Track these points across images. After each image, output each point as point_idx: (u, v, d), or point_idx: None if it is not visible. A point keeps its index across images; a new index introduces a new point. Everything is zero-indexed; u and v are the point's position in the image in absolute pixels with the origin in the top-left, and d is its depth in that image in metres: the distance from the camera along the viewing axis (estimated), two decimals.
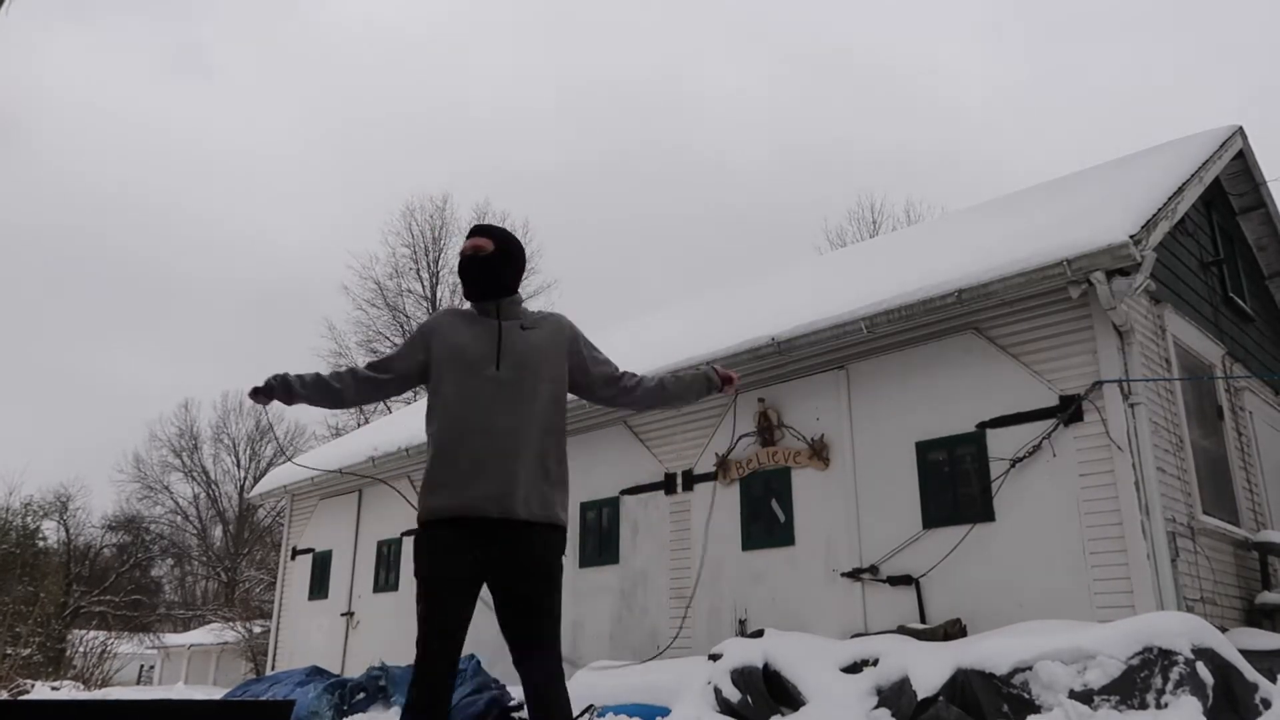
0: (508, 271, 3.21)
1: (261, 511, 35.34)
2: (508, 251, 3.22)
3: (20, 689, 15.65)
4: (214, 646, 30.85)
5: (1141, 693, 4.89)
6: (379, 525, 12.87)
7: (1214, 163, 8.43)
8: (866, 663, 6.25)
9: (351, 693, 8.15)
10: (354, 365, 3.44)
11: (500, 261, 3.18)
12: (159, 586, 39.02)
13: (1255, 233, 10.41)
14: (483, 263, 3.16)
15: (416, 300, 34.27)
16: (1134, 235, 6.36)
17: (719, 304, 12.42)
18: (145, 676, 34.66)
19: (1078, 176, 10.46)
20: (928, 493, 7.55)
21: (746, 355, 8.37)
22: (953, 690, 5.44)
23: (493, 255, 3.17)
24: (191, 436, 41.22)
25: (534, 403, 3.03)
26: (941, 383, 7.64)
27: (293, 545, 14.53)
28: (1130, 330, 6.79)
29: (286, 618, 14.25)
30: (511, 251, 3.24)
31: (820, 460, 8.22)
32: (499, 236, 3.23)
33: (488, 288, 3.17)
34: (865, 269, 10.12)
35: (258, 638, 24.28)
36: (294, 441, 39.98)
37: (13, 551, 23.81)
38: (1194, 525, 7.05)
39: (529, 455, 2.99)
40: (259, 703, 6.88)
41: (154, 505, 39.29)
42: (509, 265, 3.22)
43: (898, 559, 7.54)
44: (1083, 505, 6.70)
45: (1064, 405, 6.92)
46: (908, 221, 29.20)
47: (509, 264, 3.22)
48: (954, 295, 7.13)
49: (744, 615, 8.38)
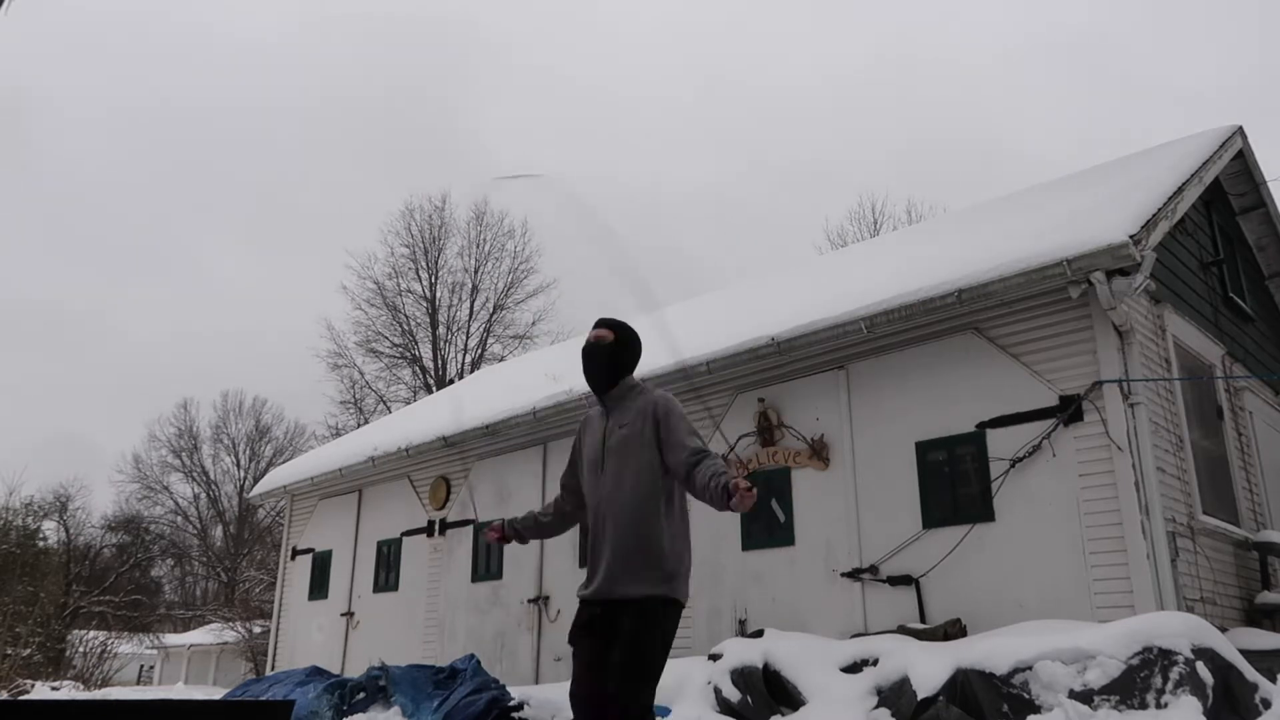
0: (625, 359, 3.67)
1: (261, 511, 35.36)
2: (625, 342, 3.68)
3: (20, 689, 15.66)
4: (214, 646, 30.85)
5: (1141, 693, 4.89)
6: (379, 525, 12.88)
7: (1214, 163, 8.43)
8: (866, 663, 6.25)
9: (351, 693, 8.15)
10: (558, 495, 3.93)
11: (616, 351, 3.65)
12: (159, 586, 39.02)
13: (1255, 233, 10.40)
14: (601, 351, 3.64)
15: (416, 300, 34.32)
16: (1134, 235, 6.36)
17: (719, 304, 12.43)
18: (145, 676, 34.65)
19: (1078, 176, 10.46)
20: (928, 493, 7.55)
21: (746, 355, 8.37)
22: (953, 690, 5.44)
23: (612, 346, 3.65)
24: (191, 437, 41.30)
25: (622, 491, 3.42)
26: (941, 383, 7.64)
27: (293, 545, 14.53)
28: (1130, 330, 6.79)
29: (286, 618, 14.25)
30: (629, 343, 3.69)
31: (820, 460, 8.22)
32: (618, 330, 3.70)
33: (602, 379, 3.65)
34: (865, 269, 10.12)
35: (258, 638, 24.28)
36: (293, 441, 40.06)
37: (13, 551, 23.78)
38: (1194, 525, 7.05)
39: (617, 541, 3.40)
40: (259, 703, 6.88)
41: (154, 505, 39.38)
42: (625, 354, 3.67)
43: (898, 559, 7.54)
44: (1083, 505, 6.70)
45: (1064, 405, 6.92)
46: (908, 221, 29.19)
47: (625, 353, 3.67)
48: (954, 295, 7.13)
49: (744, 615, 8.38)
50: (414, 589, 11.98)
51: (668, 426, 3.44)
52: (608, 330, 3.67)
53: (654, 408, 3.49)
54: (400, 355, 33.82)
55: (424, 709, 7.31)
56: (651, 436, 3.44)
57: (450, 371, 33.19)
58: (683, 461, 3.35)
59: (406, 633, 11.81)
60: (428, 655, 11.01)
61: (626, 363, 3.66)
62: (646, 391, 3.60)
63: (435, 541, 11.86)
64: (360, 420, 31.82)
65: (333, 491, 13.74)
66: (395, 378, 33.79)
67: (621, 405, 3.58)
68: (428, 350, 34.00)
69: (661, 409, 3.48)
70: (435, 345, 33.97)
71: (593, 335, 3.68)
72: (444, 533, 11.77)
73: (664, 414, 3.46)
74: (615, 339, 3.64)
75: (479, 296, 34.53)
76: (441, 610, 11.49)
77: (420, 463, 12.24)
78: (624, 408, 3.56)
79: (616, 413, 3.57)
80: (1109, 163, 10.39)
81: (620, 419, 3.53)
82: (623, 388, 3.62)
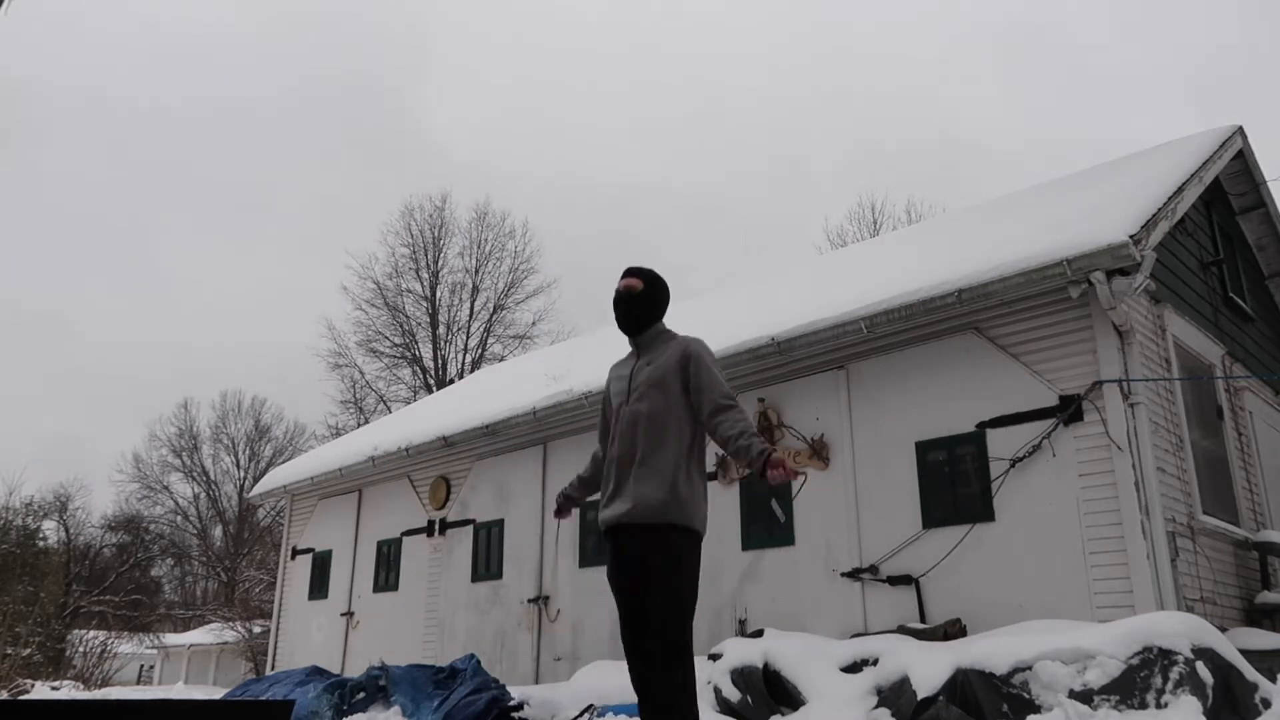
0: (654, 307, 3.75)
1: (261, 511, 35.34)
2: (654, 291, 3.75)
3: (20, 689, 15.65)
4: (214, 646, 30.85)
5: (1141, 693, 4.88)
6: (379, 525, 12.88)
7: (1214, 162, 8.42)
8: (866, 663, 6.25)
9: (351, 693, 8.14)
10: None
11: (647, 299, 3.73)
12: (159, 586, 39.00)
13: (1255, 233, 10.40)
14: (631, 300, 3.72)
15: (416, 300, 34.31)
16: (1134, 235, 6.36)
17: (719, 304, 12.42)
18: (145, 676, 34.67)
19: (1078, 176, 10.45)
20: (928, 493, 7.55)
21: (746, 355, 8.37)
22: (953, 690, 5.44)
23: (641, 293, 3.72)
24: (191, 436, 41.29)
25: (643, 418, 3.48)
26: (941, 383, 7.64)
27: (293, 545, 14.53)
28: (1130, 330, 6.79)
29: (286, 618, 14.25)
30: (658, 291, 3.77)
31: (820, 460, 8.22)
32: (647, 278, 3.77)
33: (633, 323, 3.73)
34: (865, 269, 10.12)
35: (258, 638, 24.29)
36: (293, 441, 40.05)
37: (13, 551, 23.79)
38: (1194, 525, 7.05)
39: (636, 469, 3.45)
40: (259, 703, 6.88)
41: (154, 505, 39.37)
42: (655, 301, 3.75)
43: (898, 559, 7.54)
44: (1083, 505, 6.70)
45: (1064, 405, 6.92)
46: (908, 221, 29.18)
47: (655, 300, 3.75)
48: (954, 295, 7.13)
49: (744, 615, 8.38)
50: (414, 589, 11.98)
51: (698, 369, 3.51)
52: (636, 279, 3.75)
53: (685, 349, 3.57)
54: (400, 355, 33.85)
55: (424, 709, 7.31)
56: (678, 377, 3.51)
57: (450, 371, 33.20)
58: (711, 405, 3.44)
59: (406, 633, 11.81)
60: (428, 655, 11.02)
61: (655, 308, 3.75)
62: (678, 336, 3.69)
63: (435, 541, 11.86)
64: (360, 420, 31.83)
65: (333, 491, 13.74)
66: (395, 378, 33.84)
67: (651, 346, 3.68)
68: (428, 350, 34.04)
69: (694, 351, 3.56)
70: (435, 345, 33.99)
71: (622, 284, 3.75)
72: (444, 532, 11.77)
73: (695, 356, 3.54)
74: (644, 286, 3.73)
75: (479, 296, 34.58)
76: (441, 610, 11.49)
77: (420, 463, 12.25)
78: (654, 348, 3.66)
79: (646, 353, 3.67)
80: (1109, 163, 10.38)
81: (649, 357, 3.63)
82: (653, 331, 3.73)
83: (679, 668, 3.22)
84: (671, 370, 3.52)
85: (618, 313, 3.76)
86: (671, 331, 3.75)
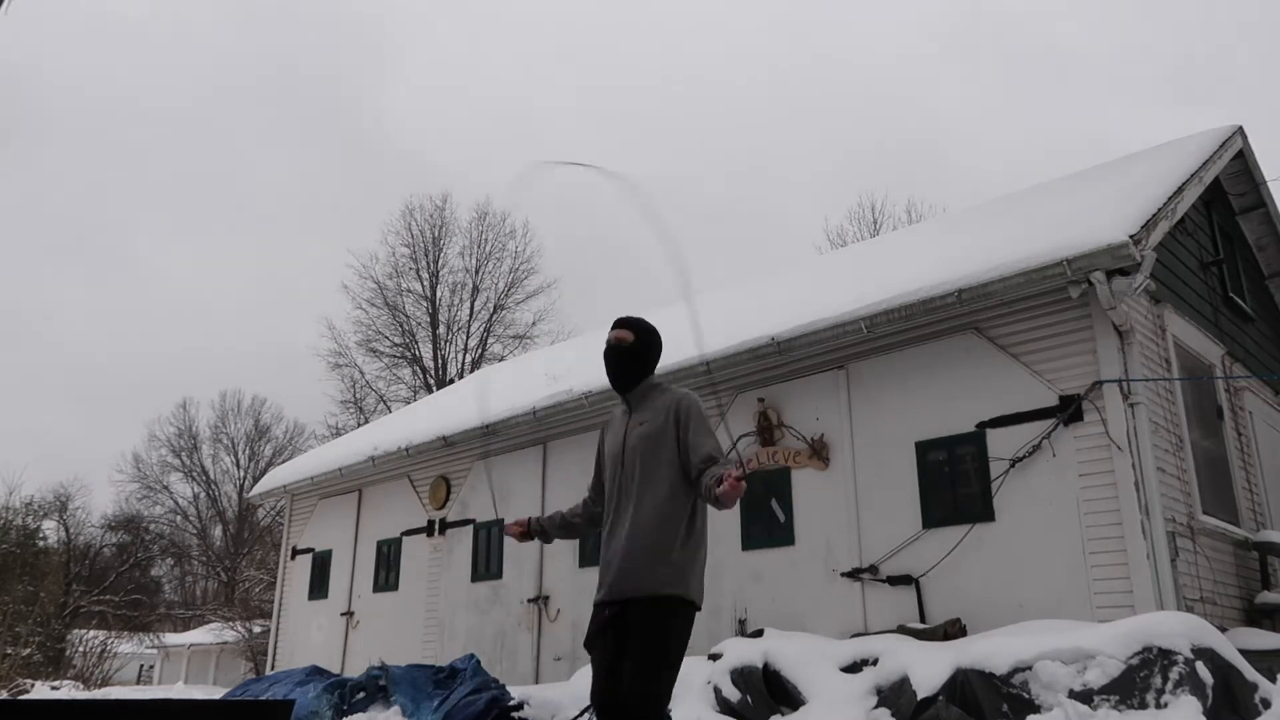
0: (646, 361, 3.68)
1: (261, 511, 35.33)
2: (647, 344, 3.68)
3: (20, 689, 15.66)
4: (214, 646, 30.85)
5: (1141, 693, 4.89)
6: (379, 525, 12.88)
7: (1214, 162, 8.42)
8: (866, 663, 6.25)
9: (351, 692, 8.15)
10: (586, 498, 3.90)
11: (639, 353, 3.66)
12: (159, 586, 39.01)
13: (1255, 233, 10.40)
14: (620, 354, 3.64)
15: (416, 300, 34.29)
16: (1134, 235, 6.36)
17: (719, 304, 12.42)
18: (145, 676, 34.66)
19: (1078, 176, 10.45)
20: (928, 493, 7.55)
21: (746, 355, 8.36)
22: (952, 690, 5.44)
23: (632, 346, 3.65)
24: (190, 436, 41.27)
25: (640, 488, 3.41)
26: (941, 383, 7.64)
27: (293, 545, 14.53)
28: (1130, 330, 6.79)
29: (286, 617, 14.25)
30: (650, 343, 3.70)
31: (820, 460, 8.22)
32: (639, 329, 3.70)
33: (623, 379, 3.66)
34: (865, 269, 10.12)
35: (258, 638, 24.29)
36: (293, 441, 40.05)
37: (13, 551, 23.80)
38: (1194, 525, 7.05)
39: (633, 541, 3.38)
40: (259, 703, 6.88)
41: (154, 505, 39.36)
42: (647, 354, 3.69)
43: (898, 559, 7.54)
44: (1083, 505, 6.70)
45: (1064, 405, 6.92)
46: (908, 221, 29.18)
47: (648, 352, 3.69)
48: (954, 295, 7.13)
49: (744, 615, 8.38)
50: (414, 589, 11.98)
51: (687, 427, 3.45)
52: (628, 331, 3.68)
53: (676, 406, 3.50)
54: (400, 355, 33.83)
55: (424, 709, 7.31)
56: (672, 435, 3.45)
57: (450, 371, 33.19)
58: (694, 465, 3.37)
59: (406, 632, 11.81)
60: (428, 655, 11.01)
61: (647, 362, 3.68)
62: (669, 390, 3.61)
63: (435, 541, 11.86)
64: (360, 420, 31.82)
65: (333, 491, 13.74)
66: (395, 377, 33.81)
67: (643, 403, 3.61)
68: (428, 350, 34.02)
69: (684, 408, 3.49)
70: (435, 345, 33.98)
71: (613, 336, 3.69)
72: (444, 532, 11.77)
73: (685, 413, 3.47)
74: (636, 339, 3.66)
75: (479, 296, 34.56)
76: (441, 610, 11.49)
77: (420, 462, 12.25)
78: (646, 405, 3.59)
79: (638, 410, 3.59)
80: (1109, 163, 10.38)
81: (641, 416, 3.56)
82: (644, 386, 3.65)
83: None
84: (665, 430, 3.46)
85: (608, 367, 3.68)
86: (663, 385, 3.68)
